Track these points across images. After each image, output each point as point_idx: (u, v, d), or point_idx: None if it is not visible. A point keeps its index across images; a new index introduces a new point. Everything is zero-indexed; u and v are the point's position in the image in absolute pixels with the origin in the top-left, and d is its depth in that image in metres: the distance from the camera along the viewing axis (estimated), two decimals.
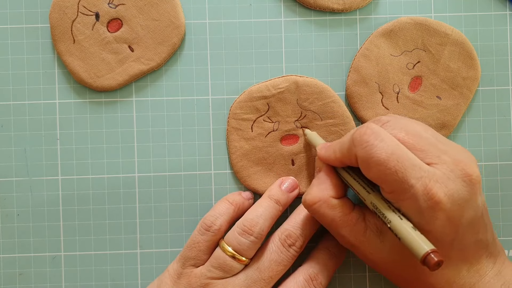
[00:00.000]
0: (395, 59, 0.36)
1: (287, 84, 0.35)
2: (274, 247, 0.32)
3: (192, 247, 0.33)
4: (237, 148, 0.36)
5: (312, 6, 0.36)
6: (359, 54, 0.36)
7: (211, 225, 0.32)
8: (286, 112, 0.36)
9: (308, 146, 0.36)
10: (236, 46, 0.36)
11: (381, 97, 0.36)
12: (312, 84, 0.35)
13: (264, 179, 0.36)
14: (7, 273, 0.36)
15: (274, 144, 0.36)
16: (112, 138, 0.36)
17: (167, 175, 0.36)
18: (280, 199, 0.34)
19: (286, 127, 0.36)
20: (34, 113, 0.36)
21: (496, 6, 0.37)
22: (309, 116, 0.35)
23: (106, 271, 0.36)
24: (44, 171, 0.36)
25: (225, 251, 0.32)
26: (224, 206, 0.33)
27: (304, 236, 0.33)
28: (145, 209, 0.36)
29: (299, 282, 0.32)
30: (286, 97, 0.35)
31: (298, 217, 0.33)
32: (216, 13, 0.37)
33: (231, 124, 0.36)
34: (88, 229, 0.36)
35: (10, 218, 0.36)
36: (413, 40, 0.36)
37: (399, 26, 0.35)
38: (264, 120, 0.36)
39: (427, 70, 0.36)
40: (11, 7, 0.37)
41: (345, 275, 0.36)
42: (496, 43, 0.37)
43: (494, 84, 0.37)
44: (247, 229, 0.32)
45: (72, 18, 0.36)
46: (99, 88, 0.36)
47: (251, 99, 0.36)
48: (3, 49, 0.36)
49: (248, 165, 0.36)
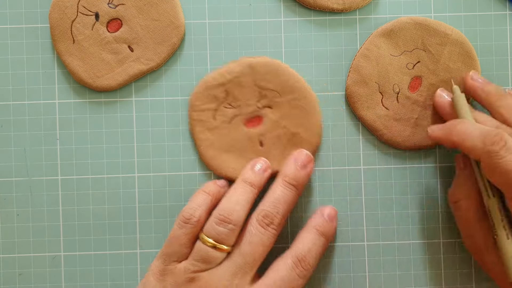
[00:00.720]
0: (395, 59, 0.36)
1: (241, 67, 0.35)
2: (253, 229, 0.32)
3: (173, 242, 0.32)
4: (203, 139, 0.36)
5: (312, 6, 0.36)
6: (359, 54, 0.36)
7: (190, 217, 0.32)
8: (246, 95, 0.35)
9: (274, 124, 0.35)
10: (236, 46, 0.36)
11: (381, 97, 0.36)
12: (266, 63, 0.35)
13: (235, 165, 0.36)
14: (7, 273, 0.36)
15: (239, 129, 0.36)
16: (112, 138, 0.36)
17: (167, 175, 0.36)
18: (254, 181, 0.33)
19: (248, 110, 0.36)
20: (34, 113, 0.36)
21: (496, 6, 0.37)
22: (269, 95, 0.35)
23: (106, 271, 0.36)
24: (44, 171, 0.36)
25: (205, 242, 0.32)
26: (201, 197, 0.33)
27: (280, 214, 0.32)
28: (145, 209, 0.36)
29: (288, 264, 0.32)
30: (242, 80, 0.35)
31: (272, 196, 0.33)
32: (216, 13, 0.37)
33: (193, 117, 0.36)
34: (88, 229, 0.36)
35: (10, 218, 0.36)
36: (413, 40, 0.35)
37: (399, 26, 0.35)
38: (225, 107, 0.36)
39: (427, 70, 0.35)
40: (11, 7, 0.37)
41: (345, 275, 0.36)
42: (496, 43, 0.37)
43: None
44: (224, 218, 0.32)
45: (72, 18, 0.36)
46: (99, 88, 0.36)
47: (207, 88, 0.36)
48: (3, 49, 0.36)
49: (217, 154, 0.36)
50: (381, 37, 0.36)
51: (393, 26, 0.36)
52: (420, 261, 0.36)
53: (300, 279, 0.32)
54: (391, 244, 0.36)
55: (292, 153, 0.34)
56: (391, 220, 0.36)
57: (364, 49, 0.36)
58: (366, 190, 0.36)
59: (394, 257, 0.36)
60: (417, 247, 0.36)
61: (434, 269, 0.36)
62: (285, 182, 0.33)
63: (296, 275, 0.32)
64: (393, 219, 0.36)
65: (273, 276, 0.32)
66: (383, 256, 0.36)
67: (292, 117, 0.35)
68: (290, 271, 0.32)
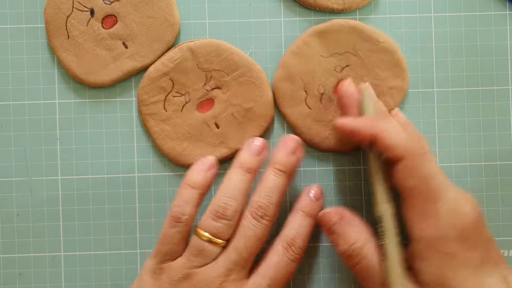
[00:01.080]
0: (324, 60, 0.35)
1: (182, 53, 0.35)
2: (247, 223, 0.32)
3: (166, 242, 0.32)
4: (158, 132, 0.36)
5: (312, 6, 0.36)
6: (290, 51, 0.36)
7: (180, 216, 0.32)
8: (192, 81, 0.35)
9: (226, 104, 0.35)
10: (236, 46, 0.36)
11: (305, 95, 0.36)
12: (205, 44, 0.35)
13: (195, 152, 0.36)
14: (7, 273, 0.36)
15: (193, 115, 0.36)
16: (112, 138, 0.36)
17: (167, 175, 0.36)
18: (251, 166, 0.33)
19: (198, 95, 0.36)
20: (34, 113, 0.36)
21: (496, 6, 0.37)
22: (215, 75, 0.35)
23: (106, 271, 0.36)
24: (44, 171, 0.36)
25: (201, 237, 0.31)
26: (188, 192, 0.32)
27: (273, 203, 0.32)
28: (145, 209, 0.36)
29: (278, 251, 0.32)
30: (185, 66, 0.35)
31: (264, 186, 0.32)
32: (216, 13, 0.37)
33: (144, 112, 0.36)
34: (88, 229, 0.36)
35: (10, 218, 0.36)
36: (345, 43, 0.35)
37: (333, 27, 0.35)
38: (174, 96, 0.35)
39: (355, 74, 0.35)
40: (11, 7, 0.37)
41: (345, 275, 0.36)
42: (496, 43, 0.37)
43: (494, 84, 0.37)
44: (221, 214, 0.32)
45: (67, 13, 0.36)
46: (92, 84, 0.36)
47: (152, 80, 0.35)
48: (3, 49, 0.36)
49: (175, 144, 0.36)
50: (313, 36, 0.35)
51: (326, 27, 0.35)
52: None
53: (292, 263, 0.32)
54: None
55: (281, 139, 0.34)
56: None
57: (295, 46, 0.36)
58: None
59: None
60: None
61: None
62: (276, 170, 0.33)
63: (288, 259, 0.32)
64: None
65: (267, 264, 0.32)
66: None
67: (242, 93, 0.35)
68: (282, 256, 0.32)
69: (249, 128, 0.35)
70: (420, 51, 0.37)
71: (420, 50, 0.37)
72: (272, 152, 0.34)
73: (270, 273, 0.31)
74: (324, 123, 0.36)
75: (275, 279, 0.31)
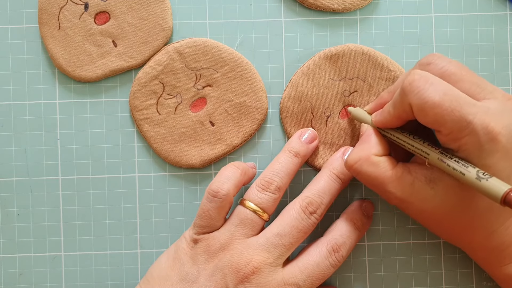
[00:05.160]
0: (333, 83, 0.36)
1: (168, 55, 0.35)
2: (295, 213, 0.32)
3: (203, 215, 0.32)
4: (154, 136, 0.36)
5: (312, 6, 0.36)
6: (300, 71, 0.36)
7: (218, 190, 0.32)
8: (182, 81, 0.36)
9: (218, 101, 0.35)
10: (236, 46, 0.36)
11: (311, 117, 0.36)
12: (191, 44, 0.36)
13: (192, 152, 0.36)
14: (8, 273, 0.36)
15: (186, 116, 0.36)
16: (112, 138, 0.36)
17: (167, 175, 0.36)
18: (300, 151, 0.34)
19: (189, 95, 0.36)
20: (34, 113, 0.36)
21: (496, 6, 0.37)
22: (204, 73, 0.35)
23: (106, 271, 0.36)
24: (44, 171, 0.36)
25: (247, 207, 0.32)
26: (230, 170, 0.33)
27: (324, 204, 0.32)
28: (145, 209, 0.36)
29: (322, 252, 0.32)
30: (173, 67, 0.35)
31: (318, 184, 0.33)
32: (216, 13, 0.37)
33: (137, 117, 0.36)
34: (88, 229, 0.36)
35: (10, 218, 0.36)
36: (356, 68, 0.35)
37: (345, 51, 0.35)
38: (166, 99, 0.36)
39: (362, 100, 0.35)
40: (11, 7, 0.37)
41: (345, 275, 0.36)
42: (496, 43, 0.37)
43: (494, 84, 0.36)
44: (266, 186, 0.32)
45: (61, 4, 0.36)
46: (77, 77, 0.36)
47: (142, 85, 0.36)
48: (3, 49, 0.36)
49: (172, 146, 0.36)
50: (325, 59, 0.36)
51: (339, 51, 0.35)
52: (420, 261, 0.36)
53: (331, 268, 0.32)
54: (391, 244, 0.36)
55: (341, 148, 0.35)
56: (391, 220, 0.36)
57: (306, 67, 0.36)
58: (367, 193, 0.36)
59: (394, 257, 0.36)
60: (417, 247, 0.36)
61: (434, 269, 0.36)
62: (333, 174, 0.33)
63: (329, 263, 0.32)
64: (393, 219, 0.36)
65: (307, 260, 0.32)
66: (383, 256, 0.36)
67: (233, 88, 0.36)
68: (324, 259, 0.32)
69: (244, 122, 0.35)
70: (420, 51, 0.37)
71: (420, 50, 0.37)
72: (332, 155, 0.34)
73: (308, 270, 0.31)
74: (328, 146, 0.36)
75: (311, 278, 0.31)
